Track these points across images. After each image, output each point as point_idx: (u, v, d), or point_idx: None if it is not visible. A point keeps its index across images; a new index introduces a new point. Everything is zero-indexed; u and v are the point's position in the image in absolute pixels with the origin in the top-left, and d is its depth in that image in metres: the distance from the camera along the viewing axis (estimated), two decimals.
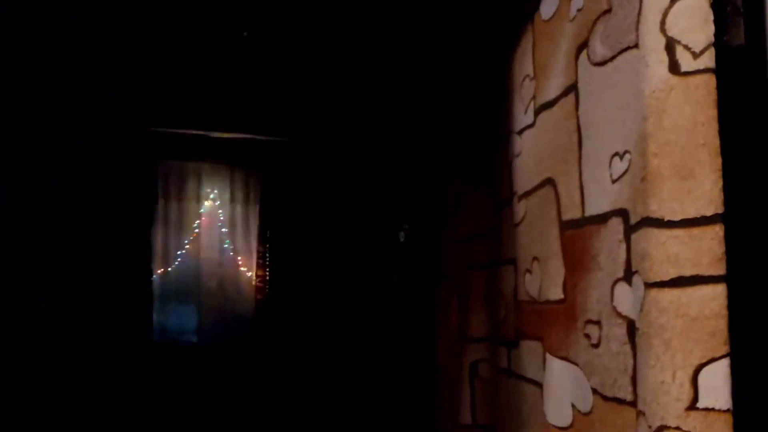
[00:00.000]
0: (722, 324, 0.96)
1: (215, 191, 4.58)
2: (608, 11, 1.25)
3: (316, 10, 2.41)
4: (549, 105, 1.59)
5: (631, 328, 1.14)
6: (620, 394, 1.18)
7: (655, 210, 1.01)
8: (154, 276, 4.14)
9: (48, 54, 2.75)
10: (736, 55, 1.04)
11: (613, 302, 1.22)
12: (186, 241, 4.51)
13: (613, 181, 1.22)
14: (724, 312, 0.97)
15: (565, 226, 1.48)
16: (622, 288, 1.18)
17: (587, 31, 1.35)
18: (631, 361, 1.14)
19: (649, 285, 1.01)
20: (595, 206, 1.32)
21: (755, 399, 0.97)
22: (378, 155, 3.81)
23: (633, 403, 1.12)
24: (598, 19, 1.31)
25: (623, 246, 1.18)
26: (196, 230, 4.54)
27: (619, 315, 1.19)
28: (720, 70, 1.00)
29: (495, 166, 2.10)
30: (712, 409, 0.95)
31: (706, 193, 0.99)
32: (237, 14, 2.50)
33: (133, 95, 3.30)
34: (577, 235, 1.41)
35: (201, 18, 2.50)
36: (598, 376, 1.28)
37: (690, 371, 0.96)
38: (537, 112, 1.69)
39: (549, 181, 1.58)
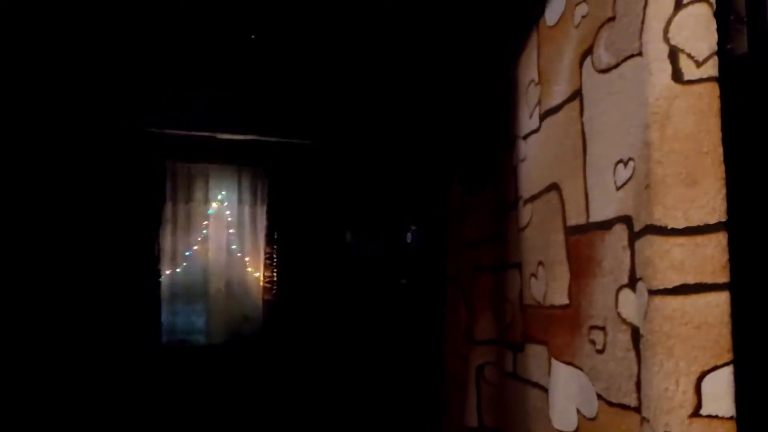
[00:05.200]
0: (726, 332, 0.97)
1: (223, 192, 4.61)
2: (612, 18, 1.26)
3: (323, 12, 2.43)
4: (554, 111, 1.59)
5: (636, 335, 1.14)
6: (625, 400, 1.18)
7: (659, 218, 1.02)
8: (163, 277, 4.18)
9: (59, 55, 2.77)
10: (739, 64, 1.04)
11: (617, 308, 1.23)
12: (194, 242, 4.54)
13: (618, 188, 1.22)
14: (728, 320, 0.97)
15: (570, 231, 1.48)
16: (626, 294, 1.19)
17: (592, 38, 1.36)
18: (635, 368, 1.14)
19: (653, 292, 1.02)
20: (600, 212, 1.32)
21: (758, 407, 0.98)
22: (384, 157, 3.82)
23: (637, 409, 1.13)
24: (602, 26, 1.31)
25: (627, 253, 1.18)
26: (204, 231, 4.57)
27: (624, 321, 1.20)
28: (723, 79, 1.01)
29: (500, 170, 2.10)
30: (716, 417, 0.95)
31: (709, 201, 0.99)
32: (246, 16, 2.52)
33: (141, 96, 3.32)
34: (581, 240, 1.41)
35: (210, 19, 2.52)
36: (603, 382, 1.28)
37: (693, 378, 0.96)
38: (542, 117, 1.69)
39: (554, 187, 1.59)
